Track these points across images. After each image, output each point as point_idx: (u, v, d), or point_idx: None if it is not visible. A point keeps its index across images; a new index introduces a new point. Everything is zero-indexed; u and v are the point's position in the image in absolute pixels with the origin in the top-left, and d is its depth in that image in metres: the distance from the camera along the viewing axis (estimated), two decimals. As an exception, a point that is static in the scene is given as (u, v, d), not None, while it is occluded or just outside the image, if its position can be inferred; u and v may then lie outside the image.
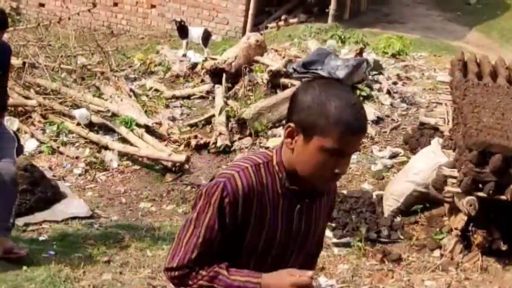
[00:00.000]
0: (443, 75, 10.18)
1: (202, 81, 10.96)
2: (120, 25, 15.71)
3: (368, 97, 9.31)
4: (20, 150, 6.02)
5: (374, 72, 10.05)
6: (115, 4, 15.84)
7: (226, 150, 8.42)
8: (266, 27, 14.57)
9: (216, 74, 10.18)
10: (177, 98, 10.43)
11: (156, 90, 10.88)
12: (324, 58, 9.45)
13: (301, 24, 14.37)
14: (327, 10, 14.16)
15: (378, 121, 8.79)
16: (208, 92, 10.25)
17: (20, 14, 16.36)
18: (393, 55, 11.42)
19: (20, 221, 6.93)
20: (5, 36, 6.14)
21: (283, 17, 14.74)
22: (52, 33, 13.37)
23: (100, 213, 7.36)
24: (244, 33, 14.42)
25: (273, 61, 10.21)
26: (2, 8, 5.48)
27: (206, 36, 11.97)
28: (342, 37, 12.24)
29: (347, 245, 6.37)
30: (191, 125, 9.35)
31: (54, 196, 7.43)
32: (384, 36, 11.99)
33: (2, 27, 5.46)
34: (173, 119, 9.70)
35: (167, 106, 10.19)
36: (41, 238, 6.71)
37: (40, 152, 8.75)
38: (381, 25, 14.47)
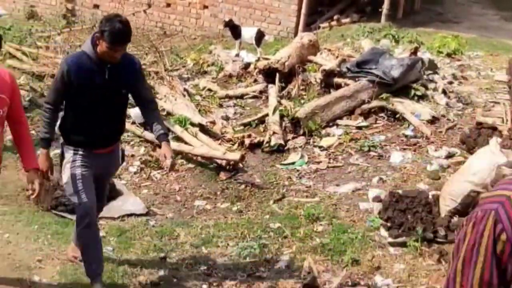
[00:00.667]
0: (501, 74, 10.02)
1: (255, 81, 10.98)
2: (173, 25, 15.84)
3: (423, 97, 9.21)
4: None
5: (429, 72, 9.93)
6: (168, 5, 15.98)
7: (280, 149, 8.41)
8: (319, 27, 14.51)
9: (269, 74, 10.20)
10: (230, 97, 10.48)
11: (209, 89, 10.95)
12: (379, 57, 9.37)
13: (353, 24, 14.28)
14: (380, 10, 14.04)
15: (433, 120, 8.69)
16: (261, 92, 10.27)
17: (75, 15, 16.63)
18: (448, 55, 11.27)
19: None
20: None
21: (335, 17, 14.66)
22: (107, 34, 13.57)
23: (156, 210, 7.44)
24: (296, 33, 14.40)
25: (326, 60, 10.19)
26: (125, 18, 5.07)
27: (259, 36, 12.00)
28: (396, 36, 12.13)
29: (403, 244, 6.30)
30: (244, 124, 9.37)
31: (110, 193, 7.52)
32: (439, 36, 11.86)
33: (124, 40, 4.99)
34: (227, 118, 9.75)
35: (220, 106, 10.25)
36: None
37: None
38: (435, 25, 14.29)
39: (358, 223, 6.71)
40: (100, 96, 5.12)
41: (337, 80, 9.45)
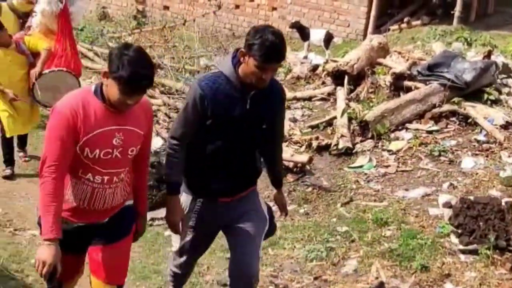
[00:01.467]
0: None
1: (323, 83, 10.91)
2: (242, 27, 15.90)
3: (497, 101, 8.97)
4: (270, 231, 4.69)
5: (503, 76, 9.67)
6: (237, 7, 16.06)
7: (348, 152, 8.33)
8: (388, 30, 14.36)
9: (338, 76, 10.11)
10: (298, 99, 10.44)
11: (277, 91, 10.93)
12: (451, 60, 9.18)
13: (424, 26, 14.07)
14: (452, 12, 13.77)
15: (507, 126, 8.45)
16: (329, 94, 10.20)
17: (146, 16, 16.90)
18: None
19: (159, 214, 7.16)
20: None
21: (405, 19, 14.46)
22: (177, 35, 13.76)
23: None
24: (365, 35, 14.27)
25: (396, 63, 10.04)
26: (279, 30, 4.07)
27: (328, 38, 11.93)
28: (468, 39, 11.87)
29: (474, 252, 6.15)
30: (312, 127, 9.31)
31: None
32: (513, 39, 11.56)
33: (278, 57, 3.96)
34: (294, 120, 9.72)
35: (288, 108, 10.22)
36: (166, 233, 6.88)
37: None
38: (509, 27, 13.92)
39: (428, 229, 6.57)
40: (237, 131, 4.10)
41: (407, 83, 9.30)
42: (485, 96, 8.92)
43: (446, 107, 8.76)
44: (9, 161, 8.07)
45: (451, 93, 8.83)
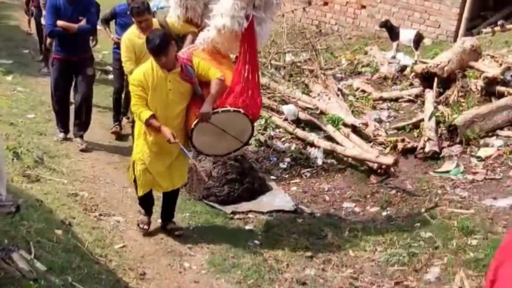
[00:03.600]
0: None
1: (411, 84, 10.72)
2: (329, 24, 15.79)
3: None
4: None
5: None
6: (326, 4, 15.95)
7: (434, 157, 8.13)
8: (480, 32, 13.93)
9: (427, 78, 9.88)
10: (384, 100, 10.29)
11: (363, 90, 10.81)
12: (547, 67, 8.84)
13: (518, 30, 13.58)
14: (549, 17, 13.27)
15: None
16: (417, 96, 10.00)
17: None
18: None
19: (228, 209, 7.19)
20: None
21: (499, 22, 13.99)
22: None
23: (304, 208, 7.43)
24: (456, 37, 13.91)
25: (489, 67, 9.73)
26: None
27: (418, 39, 11.68)
28: None
29: None
30: (398, 128, 9.16)
31: (260, 187, 7.62)
32: None
33: None
34: (380, 121, 9.57)
35: (373, 108, 10.08)
36: (247, 227, 6.89)
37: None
38: None
39: (516, 241, 6.32)
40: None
41: (499, 88, 8.99)
42: None
43: (540, 115, 8.44)
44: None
45: (546, 100, 8.50)
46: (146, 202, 6.38)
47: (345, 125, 8.98)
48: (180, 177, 6.31)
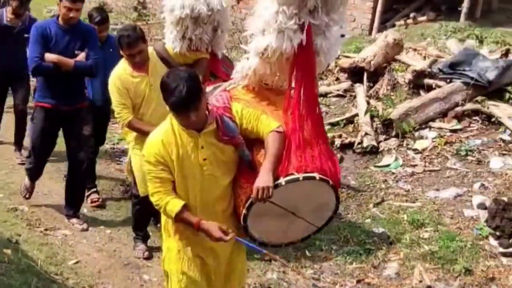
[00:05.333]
0: None
1: (337, 79, 10.81)
2: (245, 21, 15.75)
3: (519, 100, 8.92)
4: None
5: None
6: (238, 1, 15.88)
7: (373, 151, 8.23)
8: (394, 25, 14.25)
9: (355, 73, 10.01)
10: (313, 95, 10.32)
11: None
12: (472, 58, 9.10)
13: (430, 22, 13.97)
14: (459, 9, 13.68)
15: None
16: (346, 91, 10.09)
17: (146, 7, 16.68)
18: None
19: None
20: None
21: (411, 15, 14.35)
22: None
23: (252, 210, 7.35)
24: (370, 30, 14.19)
25: (414, 60, 9.96)
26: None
27: (341, 34, 11.77)
28: (479, 36, 11.80)
29: (516, 255, 6.10)
30: (332, 124, 9.21)
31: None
32: (527, 36, 11.50)
33: None
34: (312, 117, 9.60)
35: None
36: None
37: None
38: (516, 25, 13.88)
39: (465, 231, 6.51)
40: None
41: (427, 81, 9.21)
42: (507, 95, 8.85)
43: (469, 106, 8.68)
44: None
45: (474, 91, 8.76)
46: None
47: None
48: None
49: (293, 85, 3.92)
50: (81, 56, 6.05)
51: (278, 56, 3.90)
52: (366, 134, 8.41)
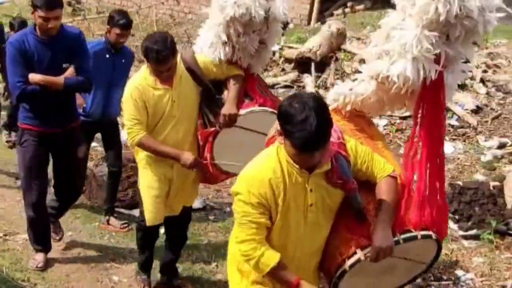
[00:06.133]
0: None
1: (283, 70, 10.87)
2: (182, 13, 15.64)
3: (463, 86, 9.17)
4: None
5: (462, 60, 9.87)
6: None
7: (326, 141, 8.31)
8: (332, 14, 14.42)
9: (302, 63, 10.08)
10: (260, 87, 10.34)
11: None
12: (417, 46, 9.28)
13: (367, 11, 14.20)
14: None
15: (477, 110, 8.65)
16: (293, 81, 10.16)
17: (80, 2, 16.36)
18: (474, 43, 11.20)
19: (136, 212, 6.89)
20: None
21: (349, 3, 14.57)
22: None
23: (212, 204, 7.32)
24: (309, 20, 14.32)
25: (359, 49, 10.10)
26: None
27: (284, 25, 11.83)
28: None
29: (476, 237, 6.27)
30: (282, 115, 9.25)
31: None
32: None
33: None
34: (262, 109, 9.62)
35: (252, 96, 10.11)
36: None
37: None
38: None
39: (425, 216, 6.64)
40: None
41: (374, 69, 9.34)
42: (453, 81, 9.06)
43: (417, 93, 8.85)
44: None
45: (421, 78, 8.93)
46: None
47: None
48: None
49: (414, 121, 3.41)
50: (70, 70, 5.02)
51: (404, 86, 3.29)
52: (319, 124, 8.47)
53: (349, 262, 3.20)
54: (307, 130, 2.80)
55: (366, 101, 3.52)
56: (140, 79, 4.65)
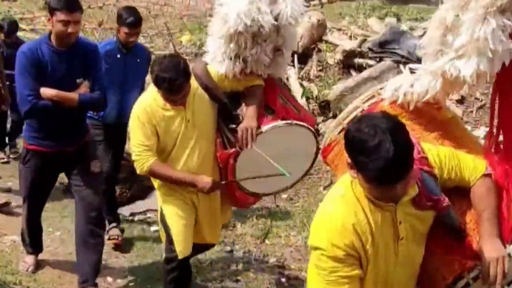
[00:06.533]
0: None
1: (263, 61, 10.75)
2: (158, 5, 15.44)
3: (446, 76, 9.16)
4: None
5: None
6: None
7: (313, 133, 8.24)
8: (309, 5, 14.32)
9: (283, 55, 9.98)
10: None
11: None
12: (400, 37, 9.28)
13: (345, 1, 14.15)
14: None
15: (462, 100, 8.65)
16: (274, 73, 10.06)
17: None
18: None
19: (124, 211, 6.82)
20: None
21: (324, -6, 14.51)
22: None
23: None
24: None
25: (340, 40, 10.04)
26: None
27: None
28: (397, 14, 12.05)
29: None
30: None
31: (152, 183, 7.28)
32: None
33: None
34: (245, 101, 9.53)
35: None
36: (152, 228, 6.57)
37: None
38: (426, 1, 14.25)
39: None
40: None
41: (358, 60, 9.31)
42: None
43: (401, 83, 8.82)
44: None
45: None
46: None
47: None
48: None
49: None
50: (85, 86, 4.56)
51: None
52: (305, 116, 8.40)
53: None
54: (383, 157, 2.29)
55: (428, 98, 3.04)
56: (147, 100, 4.20)
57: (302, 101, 8.66)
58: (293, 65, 9.65)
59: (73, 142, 4.74)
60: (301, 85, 9.17)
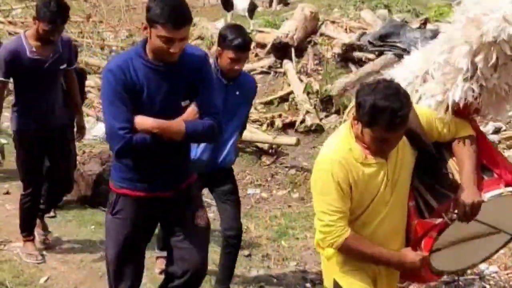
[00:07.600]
0: None
1: (256, 55, 10.52)
2: None
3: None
4: None
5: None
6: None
7: (317, 129, 8.06)
8: (295, -3, 14.13)
9: (279, 49, 9.76)
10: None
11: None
12: (399, 29, 9.12)
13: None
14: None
15: (466, 94, 8.52)
16: (270, 67, 9.84)
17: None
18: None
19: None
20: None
21: (310, -14, 14.29)
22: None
23: (209, 201, 6.94)
24: (271, 3, 14.02)
25: (336, 33, 9.85)
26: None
27: (252, 8, 11.55)
28: (387, 5, 11.88)
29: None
30: (265, 103, 8.94)
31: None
32: (434, 5, 11.67)
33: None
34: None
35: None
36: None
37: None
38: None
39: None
40: None
41: (357, 54, 9.13)
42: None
43: (404, 77, 8.67)
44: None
45: (406, 62, 8.76)
46: None
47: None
48: None
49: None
50: (192, 111, 3.47)
51: None
52: (308, 112, 8.21)
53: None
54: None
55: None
56: (342, 148, 3.10)
57: (304, 95, 8.47)
58: (291, 59, 9.44)
59: (173, 186, 3.60)
60: (300, 79, 8.96)
